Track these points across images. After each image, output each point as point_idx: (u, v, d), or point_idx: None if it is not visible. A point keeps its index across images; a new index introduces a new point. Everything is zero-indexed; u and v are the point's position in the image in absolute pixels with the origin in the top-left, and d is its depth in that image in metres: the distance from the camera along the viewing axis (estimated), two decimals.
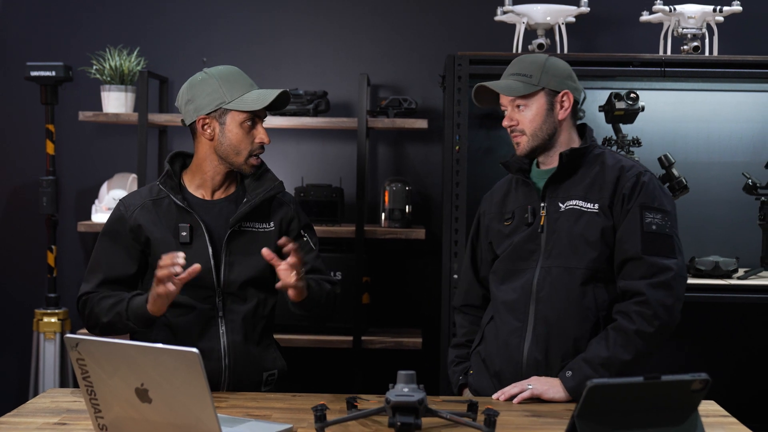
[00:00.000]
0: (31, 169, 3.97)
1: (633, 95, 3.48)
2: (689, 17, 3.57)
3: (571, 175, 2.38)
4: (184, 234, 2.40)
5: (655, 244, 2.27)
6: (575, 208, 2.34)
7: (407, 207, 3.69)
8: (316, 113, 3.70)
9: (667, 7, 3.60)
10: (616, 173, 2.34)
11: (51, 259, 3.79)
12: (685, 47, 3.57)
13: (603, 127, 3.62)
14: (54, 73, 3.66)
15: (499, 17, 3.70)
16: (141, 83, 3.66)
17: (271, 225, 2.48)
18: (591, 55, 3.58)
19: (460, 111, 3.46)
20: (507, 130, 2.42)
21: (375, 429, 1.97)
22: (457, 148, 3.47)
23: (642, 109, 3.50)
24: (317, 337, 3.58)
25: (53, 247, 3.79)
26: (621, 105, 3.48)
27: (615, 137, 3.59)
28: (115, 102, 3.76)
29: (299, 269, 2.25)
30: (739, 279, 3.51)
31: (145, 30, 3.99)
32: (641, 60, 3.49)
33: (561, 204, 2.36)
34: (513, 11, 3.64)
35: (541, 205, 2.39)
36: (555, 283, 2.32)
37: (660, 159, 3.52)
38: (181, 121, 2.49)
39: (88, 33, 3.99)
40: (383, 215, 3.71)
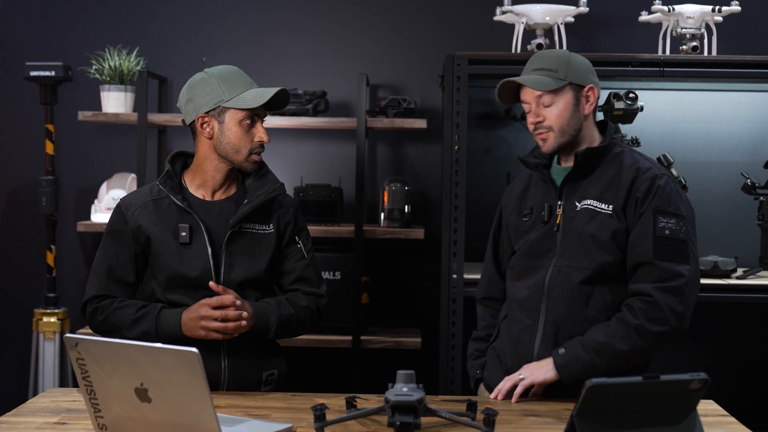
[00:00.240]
0: (31, 169, 3.97)
1: (632, 95, 3.49)
2: (688, 17, 3.57)
3: (589, 174, 2.34)
4: (183, 234, 2.40)
5: (668, 249, 2.22)
6: (590, 207, 2.30)
7: (406, 207, 3.69)
8: (315, 113, 3.70)
9: (666, 7, 3.60)
10: (632, 175, 2.29)
11: (50, 259, 3.79)
12: (684, 47, 3.57)
13: None
14: (53, 73, 3.66)
15: (498, 17, 3.70)
16: (140, 83, 3.66)
17: (271, 227, 2.48)
18: (590, 55, 3.51)
19: (459, 111, 3.46)
20: (531, 127, 2.35)
21: (374, 428, 1.97)
22: (456, 148, 3.47)
23: (641, 109, 3.51)
24: (317, 337, 3.59)
25: (53, 247, 3.79)
26: (620, 105, 3.48)
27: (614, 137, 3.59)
28: (115, 102, 3.76)
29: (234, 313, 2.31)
30: (738, 279, 3.51)
31: (145, 30, 4.00)
32: (640, 60, 3.49)
33: (577, 203, 2.32)
34: (512, 11, 3.64)
35: (558, 204, 2.36)
36: (565, 283, 2.30)
37: (659, 159, 3.52)
38: (182, 121, 2.49)
39: (87, 33, 3.99)
40: (382, 215, 3.71)
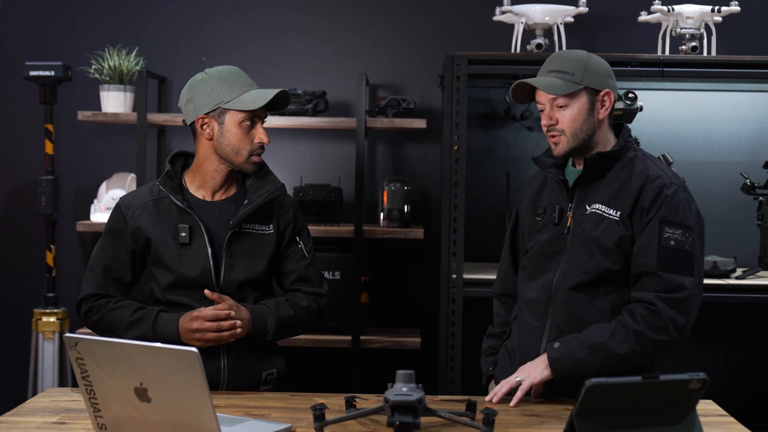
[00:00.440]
0: (30, 169, 3.97)
1: (631, 95, 3.49)
2: (687, 17, 3.57)
3: (600, 178, 2.31)
4: (183, 235, 2.40)
5: (672, 260, 2.20)
6: (597, 212, 2.28)
7: (406, 207, 3.69)
8: (314, 113, 3.70)
9: (666, 8, 3.60)
10: (640, 182, 2.26)
11: (50, 259, 3.79)
12: (684, 47, 3.57)
13: None
14: (53, 73, 3.66)
15: (498, 17, 3.70)
16: (140, 83, 3.66)
17: (271, 228, 2.48)
18: None
19: (458, 111, 3.46)
20: (544, 128, 2.34)
21: (374, 428, 1.97)
22: (456, 147, 3.47)
23: (640, 109, 3.51)
24: (316, 337, 3.59)
25: (52, 247, 3.79)
26: (619, 105, 3.48)
27: None
28: (114, 102, 3.76)
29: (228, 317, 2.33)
30: (737, 279, 3.51)
31: (144, 30, 4.00)
32: (639, 60, 3.49)
33: (588, 206, 2.31)
34: (511, 11, 3.64)
35: (569, 206, 2.34)
36: (569, 286, 2.29)
37: (658, 159, 3.52)
38: (182, 121, 2.50)
39: (87, 33, 3.99)
40: (382, 215, 3.71)
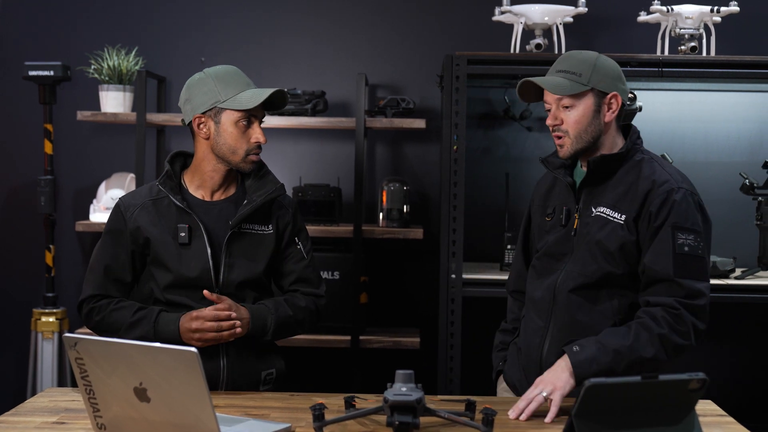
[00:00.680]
0: (30, 169, 3.97)
1: (630, 95, 3.48)
2: (687, 17, 3.58)
3: (606, 181, 2.30)
4: (182, 235, 2.40)
5: (688, 266, 2.19)
6: (602, 215, 2.27)
7: (405, 207, 3.69)
8: (314, 113, 3.70)
9: (665, 8, 3.60)
10: (647, 186, 2.24)
11: (49, 259, 3.79)
12: (683, 47, 3.58)
13: None
14: (52, 73, 3.66)
15: (497, 17, 3.70)
16: (139, 83, 3.66)
17: (270, 228, 2.48)
18: None
19: (458, 111, 3.46)
20: (549, 128, 2.33)
21: (373, 428, 1.97)
22: (455, 147, 3.47)
23: (639, 110, 3.51)
24: (315, 337, 3.59)
25: (51, 247, 3.79)
26: None
27: None
28: (114, 102, 3.76)
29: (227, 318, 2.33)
30: (737, 279, 3.51)
31: (144, 30, 4.00)
32: (639, 60, 3.49)
33: (593, 209, 2.29)
34: (511, 11, 3.64)
35: (576, 208, 2.33)
36: (569, 288, 2.28)
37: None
38: (181, 121, 2.50)
39: (86, 33, 3.99)
40: (381, 215, 3.71)
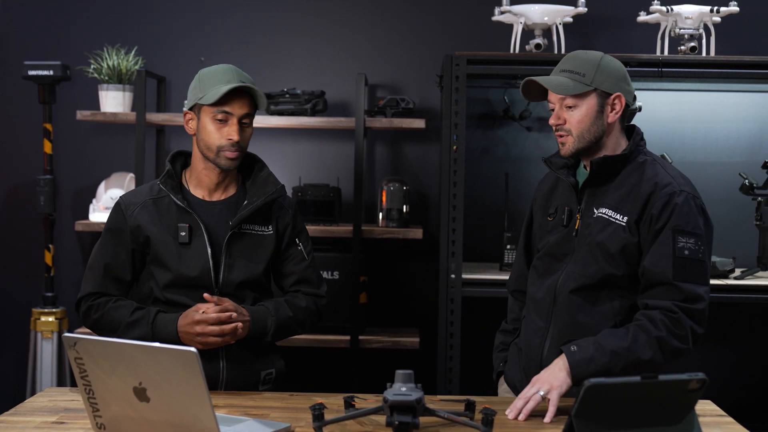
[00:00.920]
0: (29, 169, 3.97)
1: (633, 95, 3.48)
2: (686, 18, 3.58)
3: (608, 182, 2.30)
4: (183, 234, 2.40)
5: (687, 270, 2.19)
6: (604, 216, 2.27)
7: (405, 207, 3.69)
8: (313, 113, 3.70)
9: (665, 8, 3.60)
10: (649, 189, 2.23)
11: (48, 259, 3.79)
12: (683, 48, 3.58)
13: None
14: (52, 73, 3.66)
15: (497, 17, 3.70)
16: (139, 82, 3.66)
17: (270, 229, 2.49)
18: None
19: (457, 111, 3.46)
20: (552, 128, 2.32)
21: (373, 428, 1.97)
22: (455, 147, 3.47)
23: (639, 110, 3.50)
24: (315, 337, 3.59)
25: (51, 247, 3.79)
26: None
27: None
28: (113, 101, 3.76)
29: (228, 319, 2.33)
30: (736, 279, 3.51)
31: (143, 29, 3.99)
32: (638, 60, 3.49)
33: (595, 210, 2.29)
34: (510, 11, 3.64)
35: (578, 208, 2.32)
36: (570, 289, 2.28)
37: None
38: None
39: (85, 32, 3.99)
40: (381, 215, 3.71)
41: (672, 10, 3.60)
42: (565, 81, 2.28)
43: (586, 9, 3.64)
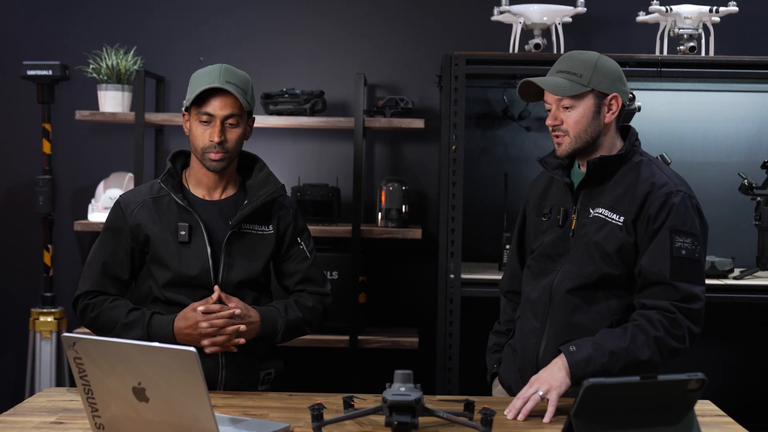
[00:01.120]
0: (28, 168, 3.97)
1: (629, 95, 3.48)
2: (685, 17, 3.58)
3: (605, 182, 2.30)
4: (182, 233, 2.40)
5: (684, 269, 2.20)
6: (600, 216, 2.27)
7: (404, 207, 3.69)
8: (312, 113, 3.70)
9: (664, 8, 3.60)
10: (646, 189, 2.24)
11: (47, 259, 3.79)
12: (682, 47, 3.58)
13: None
14: (50, 72, 3.66)
15: (496, 17, 3.70)
16: (138, 82, 3.66)
17: (270, 228, 2.49)
18: None
19: (456, 111, 3.46)
20: (549, 128, 2.33)
21: (372, 428, 1.97)
22: (454, 147, 3.47)
23: (638, 110, 3.51)
24: (314, 337, 3.58)
25: (49, 247, 3.79)
26: None
27: None
28: (112, 101, 3.76)
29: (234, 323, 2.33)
30: (735, 279, 3.51)
31: (142, 29, 3.99)
32: (637, 60, 3.49)
33: (591, 210, 2.29)
34: (510, 11, 3.64)
35: (574, 209, 2.33)
36: (566, 289, 2.28)
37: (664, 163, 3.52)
38: None
39: (84, 32, 3.99)
40: (380, 215, 3.71)
41: (671, 10, 3.60)
42: (563, 82, 2.28)
43: (585, 9, 3.64)
